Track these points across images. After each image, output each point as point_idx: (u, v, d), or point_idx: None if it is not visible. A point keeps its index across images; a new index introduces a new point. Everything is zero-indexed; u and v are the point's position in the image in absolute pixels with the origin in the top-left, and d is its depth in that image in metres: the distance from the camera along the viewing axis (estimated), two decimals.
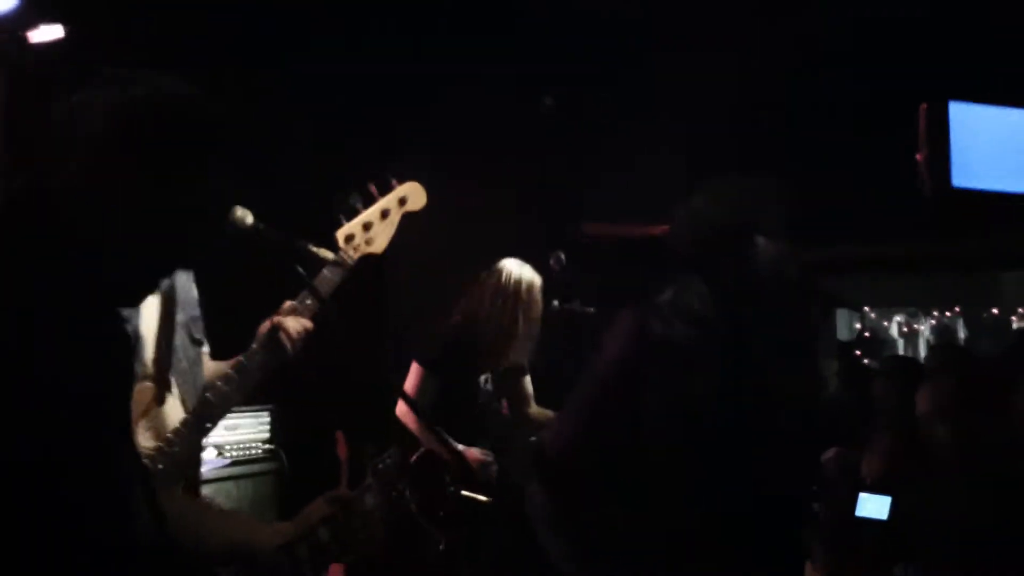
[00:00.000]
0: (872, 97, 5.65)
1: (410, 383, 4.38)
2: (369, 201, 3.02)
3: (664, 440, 2.49)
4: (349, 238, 2.94)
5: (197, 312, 2.81)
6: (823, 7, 5.71)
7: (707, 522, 2.43)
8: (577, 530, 2.56)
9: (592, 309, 5.08)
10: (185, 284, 2.76)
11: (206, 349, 2.87)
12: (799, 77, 5.89)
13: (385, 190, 3.06)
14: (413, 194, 3.06)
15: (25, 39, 4.93)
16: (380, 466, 2.15)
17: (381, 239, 2.99)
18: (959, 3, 5.58)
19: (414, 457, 4.33)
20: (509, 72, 5.78)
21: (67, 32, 4.94)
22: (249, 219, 2.66)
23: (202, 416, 2.65)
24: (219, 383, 2.69)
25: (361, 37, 5.76)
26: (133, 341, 2.52)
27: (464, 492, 4.28)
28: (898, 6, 5.61)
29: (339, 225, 2.98)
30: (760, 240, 2.58)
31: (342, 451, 6.01)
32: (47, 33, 4.93)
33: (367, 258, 2.96)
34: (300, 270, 2.66)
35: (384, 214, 3.00)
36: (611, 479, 2.53)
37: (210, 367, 2.84)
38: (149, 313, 2.66)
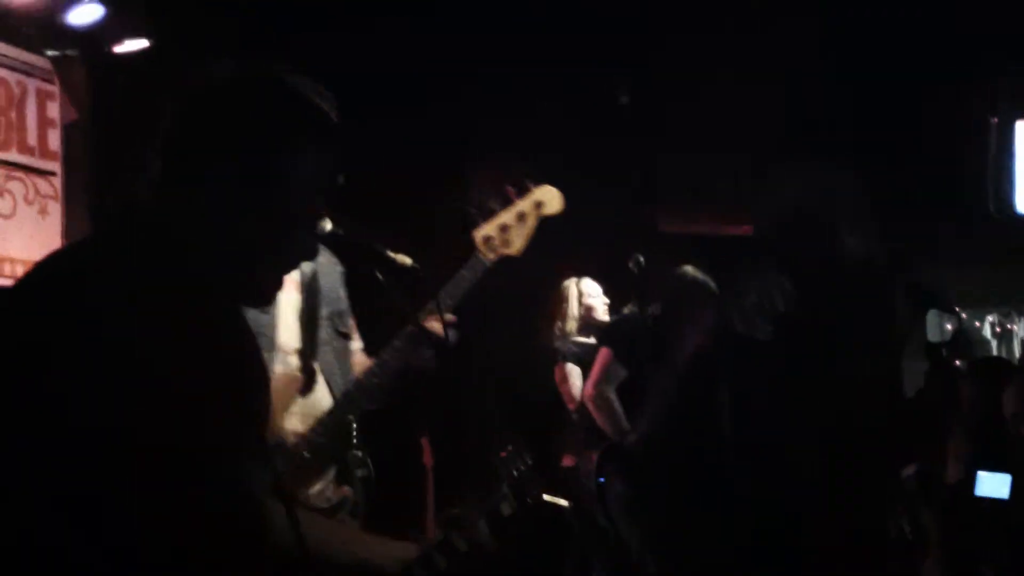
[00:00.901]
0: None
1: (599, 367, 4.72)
2: (506, 203, 3.03)
3: (740, 435, 2.46)
4: (487, 239, 2.96)
5: (344, 307, 2.91)
6: None
7: (778, 517, 2.40)
8: (653, 520, 2.55)
9: (651, 311, 5.04)
10: (329, 280, 2.87)
11: (357, 345, 2.96)
12: (892, 66, 5.76)
13: (522, 192, 3.06)
14: (550, 198, 3.06)
15: (111, 51, 5.04)
16: (515, 473, 2.12)
17: (518, 241, 2.99)
18: None
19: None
20: (586, 68, 5.75)
21: (151, 44, 5.03)
22: (328, 225, 2.67)
23: (344, 408, 2.72)
24: (361, 377, 2.77)
25: (430, 30, 5.77)
26: (269, 333, 2.66)
27: (546, 496, 4.27)
28: None
29: (475, 225, 3.01)
30: (847, 235, 2.54)
31: (427, 459, 6.03)
32: (131, 45, 5.03)
33: (503, 260, 2.99)
34: (379, 276, 2.66)
35: (520, 217, 3.01)
36: (686, 471, 2.51)
37: (362, 362, 2.93)
38: (288, 306, 2.77)
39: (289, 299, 2.78)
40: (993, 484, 3.70)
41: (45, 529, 1.46)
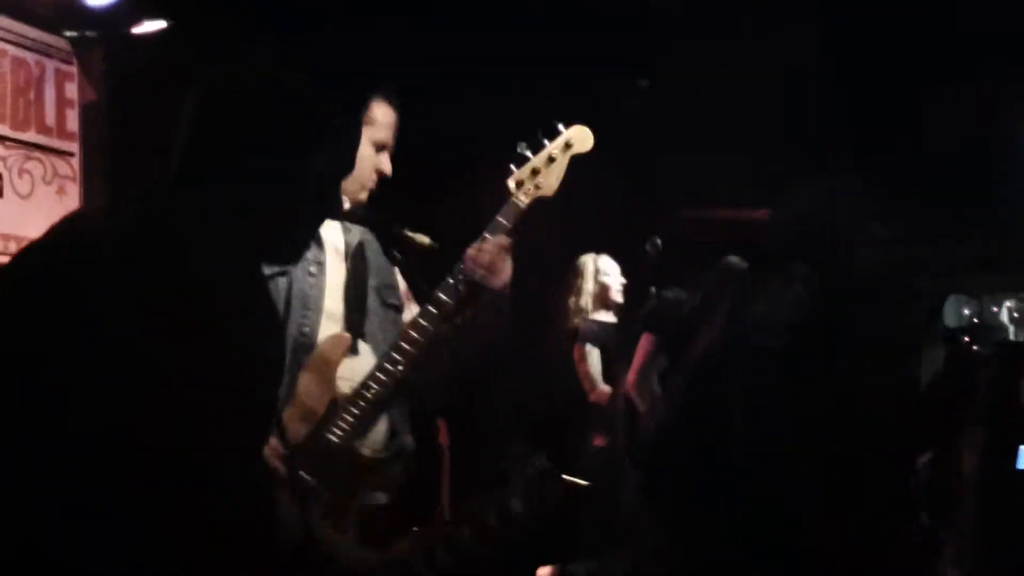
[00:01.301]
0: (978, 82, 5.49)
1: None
2: (537, 148, 3.03)
3: (750, 437, 2.46)
4: (519, 184, 2.97)
5: (392, 280, 2.96)
6: None
7: (786, 517, 2.40)
8: (668, 507, 2.55)
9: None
10: (376, 253, 2.92)
11: (406, 316, 2.97)
12: (907, 62, 5.74)
13: (552, 136, 3.06)
14: (579, 137, 3.05)
15: (129, 32, 5.05)
16: (529, 471, 2.14)
17: (550, 182, 2.99)
18: None
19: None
20: (603, 57, 5.73)
21: (168, 25, 5.04)
22: (345, 204, 2.70)
23: (389, 368, 2.74)
24: (410, 331, 2.78)
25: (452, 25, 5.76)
26: (315, 294, 2.75)
27: (565, 476, 4.28)
28: None
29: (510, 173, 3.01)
30: (861, 236, 2.54)
31: (444, 439, 6.06)
32: (149, 26, 5.04)
33: (539, 202, 2.99)
34: (396, 254, 2.70)
35: (551, 159, 3.01)
36: (698, 464, 2.51)
37: None
38: (335, 273, 2.83)
39: (335, 267, 2.84)
40: None
41: (50, 529, 1.46)
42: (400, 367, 2.73)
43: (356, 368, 2.76)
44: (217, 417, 1.57)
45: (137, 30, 5.05)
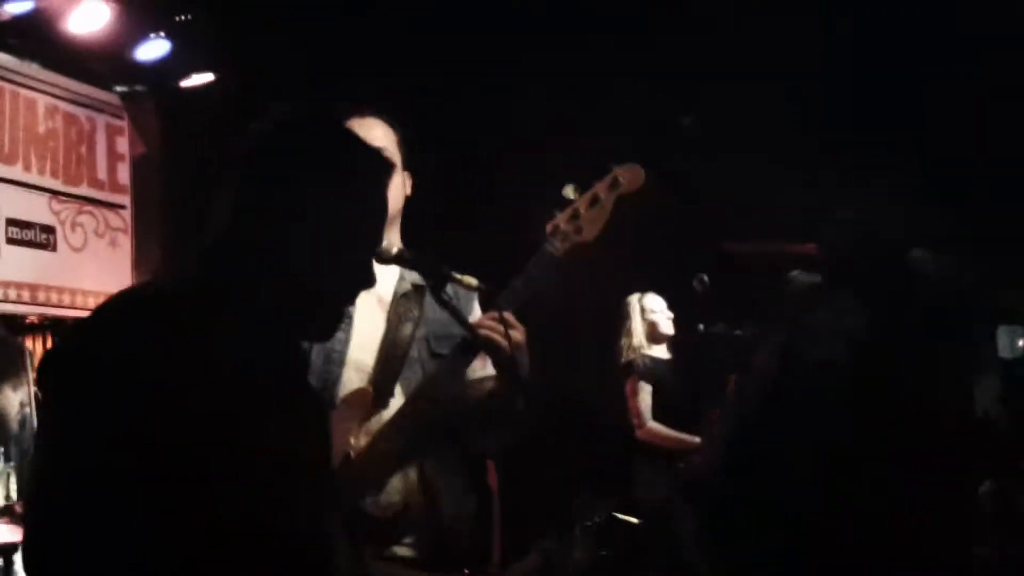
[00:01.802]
0: None
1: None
2: (584, 189, 2.74)
3: (813, 460, 2.44)
4: (555, 230, 2.68)
5: (449, 331, 2.68)
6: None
7: (850, 544, 2.37)
8: (725, 548, 2.53)
9: (739, 331, 5.00)
10: (432, 303, 2.65)
11: (480, 369, 2.73)
12: (961, 84, 5.70)
13: (602, 175, 2.76)
14: (628, 176, 2.74)
15: (178, 86, 5.14)
16: (589, 524, 2.10)
17: (590, 227, 2.69)
18: None
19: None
20: (650, 89, 5.75)
21: (217, 78, 5.12)
22: (395, 248, 2.67)
23: (409, 416, 2.58)
24: (426, 385, 2.61)
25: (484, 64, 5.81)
26: (340, 348, 2.62)
27: (616, 514, 4.26)
28: None
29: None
30: (919, 255, 2.52)
31: (492, 480, 6.05)
32: (198, 79, 5.13)
33: (579, 248, 2.70)
34: (446, 297, 2.62)
35: (594, 200, 2.71)
36: (758, 499, 2.49)
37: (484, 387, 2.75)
38: (368, 323, 2.67)
39: (369, 319, 2.69)
40: None
41: None
42: (416, 423, 2.56)
43: (381, 423, 2.60)
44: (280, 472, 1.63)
45: (186, 83, 5.14)
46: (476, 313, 2.73)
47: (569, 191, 2.74)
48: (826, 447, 2.45)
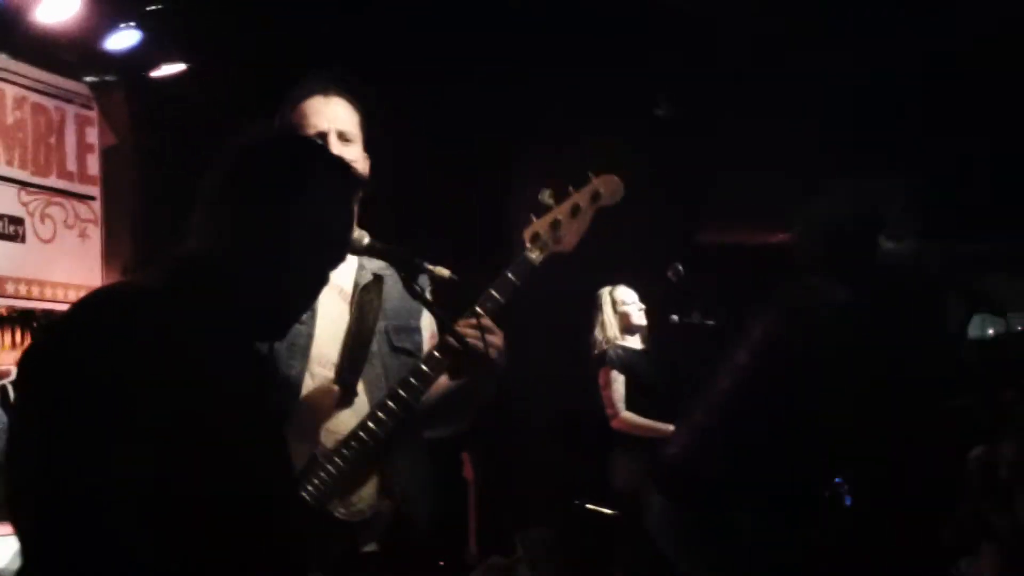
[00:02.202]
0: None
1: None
2: (562, 197, 2.77)
3: (800, 439, 2.45)
4: (535, 237, 2.72)
5: (409, 324, 2.73)
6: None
7: (837, 519, 2.39)
8: (702, 537, 2.53)
9: (712, 321, 5.01)
10: (395, 295, 2.68)
11: None
12: (930, 67, 5.71)
13: (580, 185, 2.80)
14: (608, 188, 2.77)
15: (148, 76, 5.09)
16: (527, 542, 2.09)
17: (570, 237, 2.73)
18: None
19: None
20: (626, 77, 5.74)
21: (188, 68, 5.08)
22: (366, 239, 2.64)
23: (378, 418, 2.54)
24: (399, 389, 2.56)
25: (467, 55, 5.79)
26: (302, 343, 2.61)
27: (589, 505, 4.27)
28: None
29: (529, 224, 2.75)
30: (893, 239, 2.53)
31: (468, 472, 6.05)
32: (168, 69, 5.08)
33: (555, 257, 2.73)
34: (417, 288, 2.59)
35: (574, 211, 2.75)
36: (738, 486, 2.49)
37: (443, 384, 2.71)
38: (330, 318, 2.64)
39: (333, 310, 2.66)
40: None
41: None
42: (386, 427, 2.52)
43: (347, 421, 2.56)
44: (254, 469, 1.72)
45: (157, 73, 5.09)
46: (406, 304, 2.69)
47: (546, 196, 2.75)
48: (819, 423, 2.45)
